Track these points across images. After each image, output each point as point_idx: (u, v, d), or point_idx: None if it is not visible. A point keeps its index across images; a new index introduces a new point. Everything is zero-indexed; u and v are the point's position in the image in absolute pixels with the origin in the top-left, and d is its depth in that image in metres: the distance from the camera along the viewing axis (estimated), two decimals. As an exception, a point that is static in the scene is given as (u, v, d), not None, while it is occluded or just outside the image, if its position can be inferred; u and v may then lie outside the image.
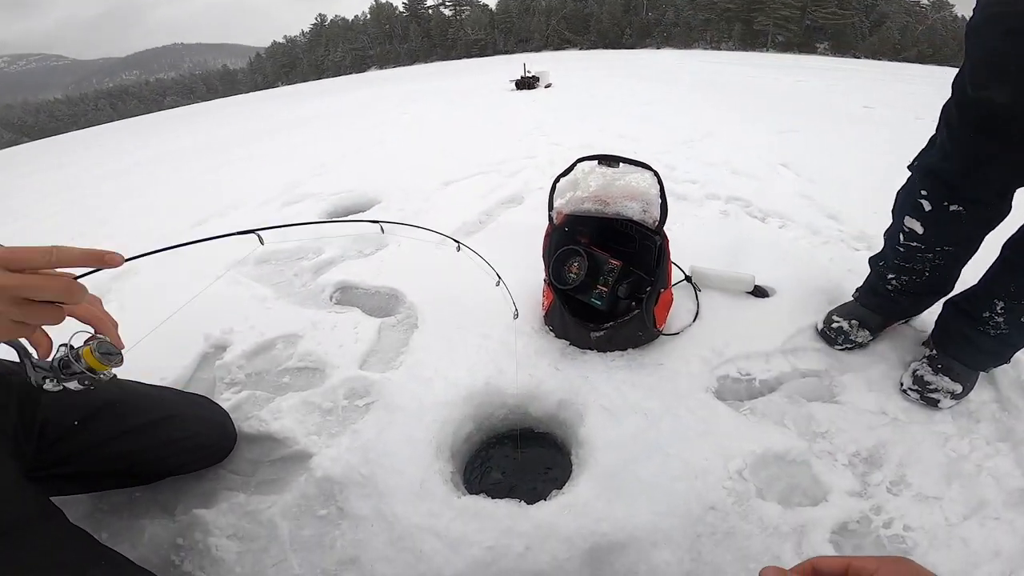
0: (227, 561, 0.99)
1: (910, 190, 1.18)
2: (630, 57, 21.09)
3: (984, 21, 0.92)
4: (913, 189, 1.16)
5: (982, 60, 0.94)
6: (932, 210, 1.13)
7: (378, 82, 13.68)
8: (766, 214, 2.28)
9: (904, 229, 1.20)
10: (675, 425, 1.16)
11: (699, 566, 0.93)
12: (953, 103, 1.03)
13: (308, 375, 1.42)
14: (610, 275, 1.32)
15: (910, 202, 1.17)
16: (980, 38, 0.93)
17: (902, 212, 1.21)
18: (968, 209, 1.09)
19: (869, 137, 3.85)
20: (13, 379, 0.87)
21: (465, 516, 1.00)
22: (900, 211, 1.22)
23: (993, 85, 0.92)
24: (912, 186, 1.17)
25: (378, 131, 5.28)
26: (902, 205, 1.21)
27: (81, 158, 8.49)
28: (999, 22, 0.89)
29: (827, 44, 48.33)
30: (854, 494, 1.04)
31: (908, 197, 1.19)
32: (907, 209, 1.19)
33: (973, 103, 0.97)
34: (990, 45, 0.91)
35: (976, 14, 0.94)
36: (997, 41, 0.89)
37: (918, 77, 10.80)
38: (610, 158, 1.35)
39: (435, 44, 70.27)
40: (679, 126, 4.32)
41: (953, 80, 1.03)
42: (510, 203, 2.55)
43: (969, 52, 0.96)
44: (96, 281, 2.07)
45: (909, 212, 1.18)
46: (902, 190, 1.22)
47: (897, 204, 1.24)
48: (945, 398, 1.18)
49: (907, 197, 1.19)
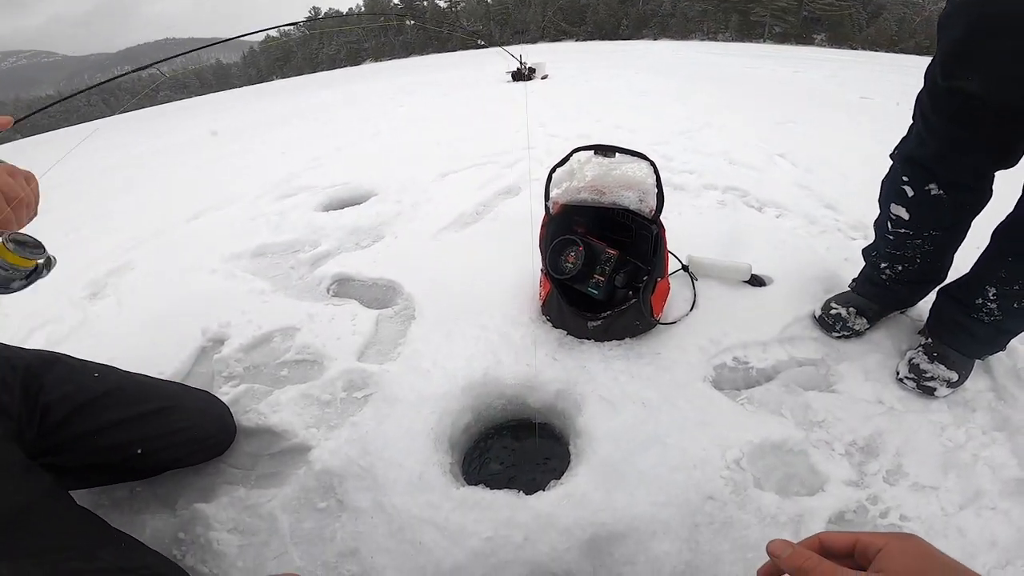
0: (228, 555, 0.99)
1: (893, 178, 1.20)
2: (627, 48, 20.96)
3: (953, 11, 0.94)
4: (896, 177, 1.18)
5: (951, 50, 0.96)
6: (915, 195, 1.15)
7: (373, 75, 13.59)
8: (763, 204, 2.28)
9: (891, 217, 1.22)
10: (673, 415, 1.16)
11: (697, 556, 0.94)
12: (925, 92, 1.06)
13: (306, 368, 1.41)
14: (607, 264, 1.31)
15: (894, 189, 1.19)
16: (950, 29, 0.95)
17: (887, 200, 1.23)
18: (948, 193, 1.11)
19: (866, 127, 3.83)
20: (18, 362, 0.87)
21: (464, 507, 1.00)
22: (886, 200, 1.24)
23: (962, 75, 0.94)
24: (895, 174, 1.19)
25: (373, 123, 5.24)
26: (887, 194, 1.23)
27: (75, 154, 8.42)
28: (967, 13, 0.91)
29: (824, 35, 48.14)
30: (851, 483, 1.05)
31: (892, 185, 1.21)
32: (892, 196, 1.21)
33: (944, 92, 0.99)
34: (959, 36, 0.93)
35: (948, 5, 0.97)
36: (965, 32, 0.91)
37: (915, 68, 10.72)
38: (606, 148, 1.35)
39: (430, 37, 69.78)
40: (676, 117, 4.30)
41: (926, 70, 1.04)
42: (507, 194, 2.54)
43: (940, 42, 0.98)
44: (93, 277, 2.07)
45: (894, 199, 1.20)
46: (886, 179, 1.24)
47: (883, 193, 1.26)
48: (941, 386, 1.19)
49: (891, 185, 1.21)
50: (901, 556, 0.41)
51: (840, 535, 0.46)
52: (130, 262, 2.22)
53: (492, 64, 12.44)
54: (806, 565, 0.43)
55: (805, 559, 0.43)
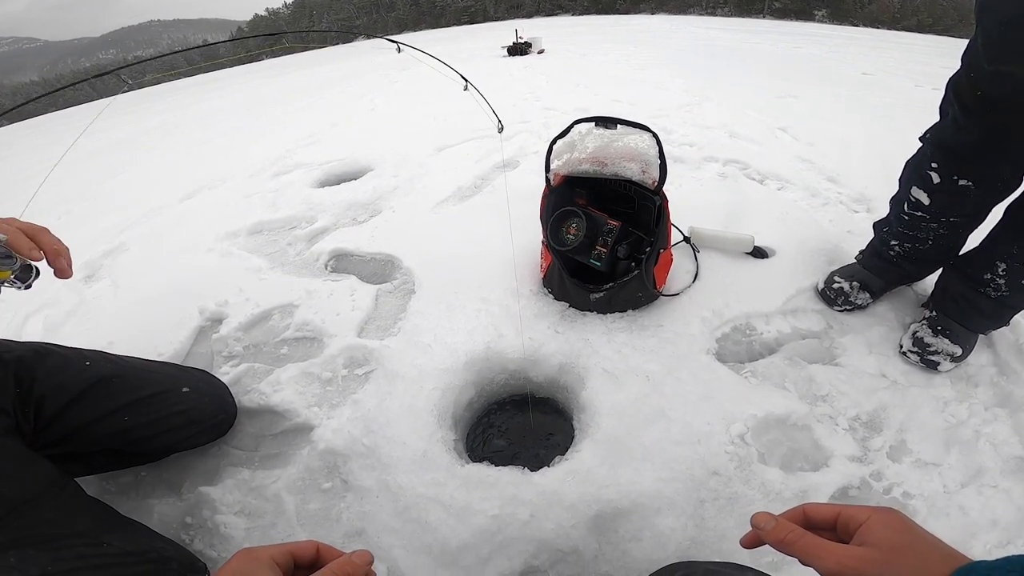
0: (236, 538, 0.99)
1: (920, 161, 1.16)
2: (624, 22, 20.58)
3: None
4: (923, 161, 1.14)
5: (999, 33, 0.90)
6: (940, 182, 1.11)
7: (366, 52, 13.30)
8: (764, 176, 2.25)
9: (910, 199, 1.19)
10: (677, 388, 1.15)
11: (702, 532, 0.94)
12: (965, 77, 1.00)
13: (306, 345, 1.40)
14: (609, 236, 1.29)
15: (919, 173, 1.16)
16: (995, 11, 0.89)
17: (909, 182, 1.19)
18: (977, 184, 1.07)
19: (867, 103, 3.78)
20: (7, 356, 0.85)
21: (469, 485, 1.00)
22: (908, 181, 1.20)
23: (1011, 58, 0.89)
24: (922, 157, 1.15)
25: (368, 99, 5.15)
26: (910, 176, 1.20)
27: (63, 137, 8.27)
28: None
29: (825, 11, 47.34)
30: (855, 459, 1.05)
31: (917, 168, 1.17)
32: (915, 180, 1.17)
33: (990, 77, 0.93)
34: (1007, 17, 0.87)
35: None
36: (1016, 13, 0.85)
37: (917, 46, 10.60)
38: (607, 120, 1.32)
39: (423, 12, 68.30)
40: (675, 90, 4.24)
41: (963, 53, 0.99)
42: (505, 167, 2.50)
43: (984, 25, 0.92)
44: (88, 259, 2.03)
45: (917, 183, 1.17)
46: (911, 160, 1.20)
47: (905, 174, 1.22)
48: (945, 360, 1.19)
49: (916, 168, 1.17)
50: (883, 529, 0.42)
51: (824, 507, 0.47)
52: (124, 243, 2.18)
53: (487, 39, 12.18)
54: (788, 538, 0.44)
55: (788, 531, 0.44)
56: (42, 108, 28.41)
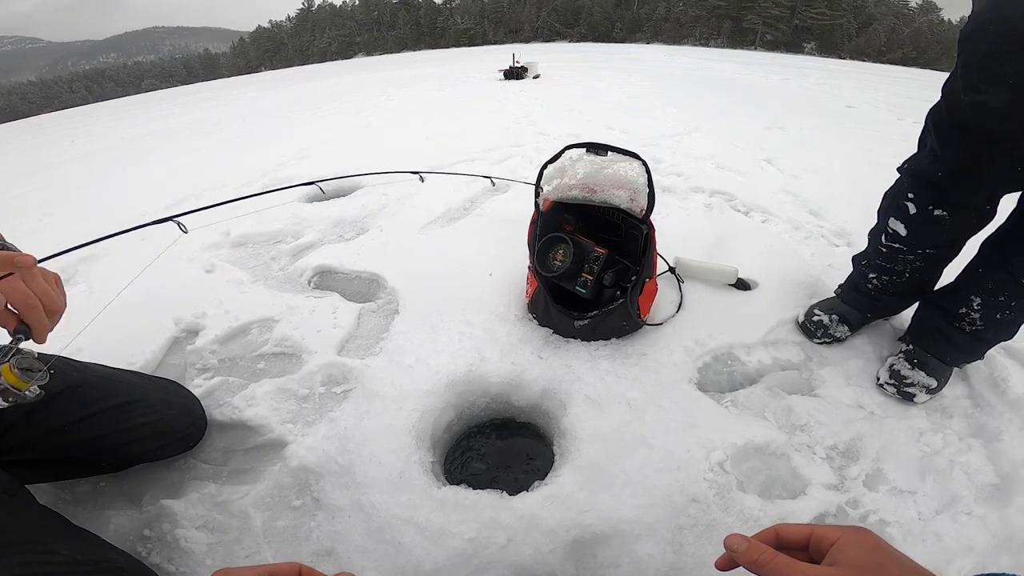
0: (196, 553, 0.95)
1: (897, 192, 1.18)
2: (620, 51, 21.06)
3: (980, 27, 0.92)
4: (901, 191, 1.16)
5: (978, 65, 0.93)
6: (916, 213, 1.13)
7: (364, 68, 13.46)
8: (750, 208, 2.29)
9: (888, 230, 1.21)
10: (658, 416, 1.15)
11: (681, 558, 0.93)
12: (944, 107, 1.02)
13: (284, 361, 1.38)
14: (595, 263, 1.30)
15: (896, 204, 1.17)
16: (975, 43, 0.92)
17: (887, 213, 1.21)
18: (952, 214, 1.09)
19: (852, 136, 3.89)
20: None
21: (446, 507, 0.98)
22: (885, 212, 1.22)
23: (988, 89, 0.91)
24: (900, 188, 1.17)
25: (363, 116, 5.19)
26: (888, 207, 1.22)
27: (53, 139, 8.21)
28: (999, 28, 0.88)
29: (814, 44, 48.99)
30: (831, 487, 1.05)
31: (895, 199, 1.18)
32: (892, 211, 1.19)
33: (967, 107, 0.96)
34: (988, 50, 0.90)
35: (971, 21, 0.94)
36: (996, 46, 0.88)
37: (901, 79, 10.99)
38: (599, 146, 1.34)
39: (423, 32, 69.44)
40: (667, 119, 4.33)
41: (943, 84, 1.02)
42: (496, 191, 2.52)
43: (963, 57, 0.95)
44: (64, 263, 2.00)
45: (894, 214, 1.18)
46: (890, 191, 1.22)
47: (883, 205, 1.24)
48: (920, 392, 1.20)
49: (894, 199, 1.19)
50: (854, 549, 0.42)
51: (795, 527, 0.47)
52: (103, 249, 2.15)
53: (484, 62, 12.38)
54: (761, 559, 0.44)
55: (760, 553, 0.44)
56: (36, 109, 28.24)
